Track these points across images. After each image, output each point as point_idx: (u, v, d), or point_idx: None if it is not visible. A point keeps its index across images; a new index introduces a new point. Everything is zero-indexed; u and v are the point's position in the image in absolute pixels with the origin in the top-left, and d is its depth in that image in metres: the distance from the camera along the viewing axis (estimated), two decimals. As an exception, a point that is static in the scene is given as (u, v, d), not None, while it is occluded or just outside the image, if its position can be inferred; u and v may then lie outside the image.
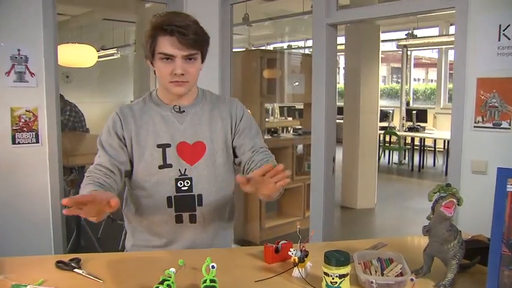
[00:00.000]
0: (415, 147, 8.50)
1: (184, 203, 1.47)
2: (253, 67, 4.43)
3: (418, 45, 9.70)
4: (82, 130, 4.93)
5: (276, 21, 8.45)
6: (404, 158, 8.89)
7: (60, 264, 1.23)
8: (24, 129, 2.74)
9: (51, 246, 2.88)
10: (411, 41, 8.42)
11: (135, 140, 1.46)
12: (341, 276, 1.06)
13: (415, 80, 13.72)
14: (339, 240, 1.56)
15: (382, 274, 1.17)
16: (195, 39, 1.38)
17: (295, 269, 1.17)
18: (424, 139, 8.29)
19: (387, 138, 8.88)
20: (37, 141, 2.78)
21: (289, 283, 1.16)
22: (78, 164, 3.65)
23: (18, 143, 2.71)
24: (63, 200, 1.01)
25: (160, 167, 1.45)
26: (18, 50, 2.67)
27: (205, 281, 1.02)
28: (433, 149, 8.71)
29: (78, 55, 4.20)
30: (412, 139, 8.56)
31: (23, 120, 2.73)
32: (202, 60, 1.48)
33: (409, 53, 10.19)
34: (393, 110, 9.53)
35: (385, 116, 9.01)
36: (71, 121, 5.06)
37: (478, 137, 2.22)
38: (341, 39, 5.41)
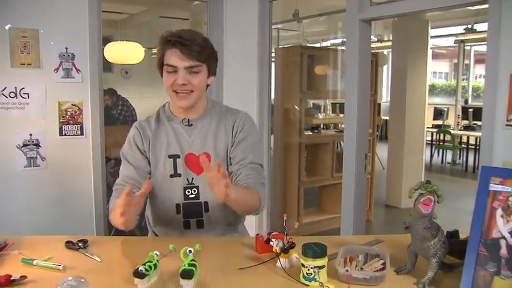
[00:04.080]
0: (471, 147, 8.13)
1: (191, 210, 1.57)
2: (292, 64, 4.43)
3: (478, 40, 9.19)
4: (133, 123, 5.14)
5: (329, 18, 8.31)
6: (459, 158, 8.54)
7: (69, 244, 1.36)
8: (70, 121, 2.93)
9: (94, 232, 3.08)
10: (469, 36, 8.01)
11: (152, 151, 1.58)
12: (317, 268, 1.10)
13: (480, 76, 13.03)
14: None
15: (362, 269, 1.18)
16: (199, 51, 1.44)
17: (280, 259, 1.22)
18: (480, 138, 7.84)
19: (441, 137, 8.54)
20: (82, 133, 2.96)
21: (271, 272, 1.21)
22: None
23: (65, 135, 2.91)
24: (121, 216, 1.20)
25: (171, 176, 1.56)
26: (66, 48, 2.86)
27: (184, 265, 1.09)
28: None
29: (125, 52, 4.40)
30: (468, 138, 8.19)
31: (69, 113, 2.92)
32: (210, 74, 1.53)
33: (467, 48, 9.70)
34: (448, 108, 9.14)
35: (439, 114, 8.67)
36: (122, 115, 5.33)
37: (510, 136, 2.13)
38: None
